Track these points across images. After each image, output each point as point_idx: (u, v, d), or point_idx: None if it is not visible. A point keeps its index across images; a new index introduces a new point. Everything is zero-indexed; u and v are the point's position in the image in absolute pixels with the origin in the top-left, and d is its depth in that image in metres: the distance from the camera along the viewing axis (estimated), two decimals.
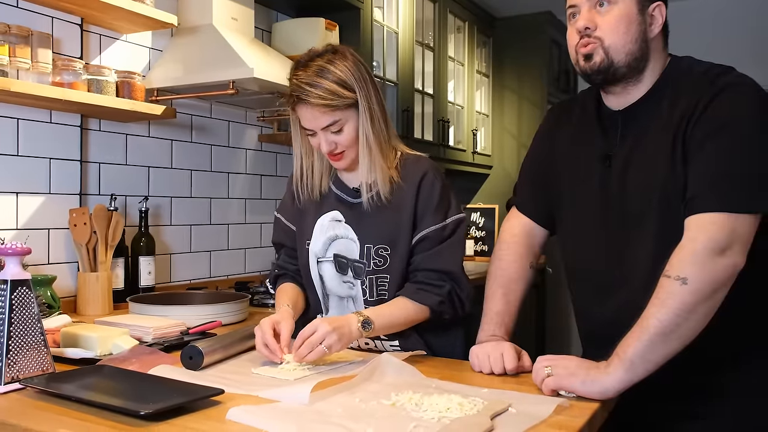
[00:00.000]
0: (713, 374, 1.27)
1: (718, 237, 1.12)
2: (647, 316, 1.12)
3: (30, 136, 1.96)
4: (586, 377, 1.12)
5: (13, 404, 1.10)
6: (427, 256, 1.47)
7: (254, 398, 1.12)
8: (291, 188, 1.62)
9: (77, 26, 2.07)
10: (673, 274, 1.12)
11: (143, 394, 1.10)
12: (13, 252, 1.19)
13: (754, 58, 4.11)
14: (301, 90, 1.40)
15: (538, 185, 1.50)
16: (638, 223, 1.27)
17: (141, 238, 2.23)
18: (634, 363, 1.10)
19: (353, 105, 1.43)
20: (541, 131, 1.54)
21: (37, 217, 1.99)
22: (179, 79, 2.24)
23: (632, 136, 1.30)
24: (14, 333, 1.16)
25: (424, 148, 3.56)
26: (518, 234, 1.51)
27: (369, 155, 1.45)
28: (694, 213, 1.15)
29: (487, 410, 1.04)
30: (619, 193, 1.30)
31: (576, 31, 1.29)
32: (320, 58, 1.43)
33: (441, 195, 1.49)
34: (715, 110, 1.19)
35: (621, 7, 1.25)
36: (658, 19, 1.28)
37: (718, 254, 1.11)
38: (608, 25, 1.25)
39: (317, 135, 1.45)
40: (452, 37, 4.00)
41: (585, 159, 1.37)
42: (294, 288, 1.59)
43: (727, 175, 1.15)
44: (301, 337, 1.30)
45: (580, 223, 1.39)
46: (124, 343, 1.41)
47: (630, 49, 1.26)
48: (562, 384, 1.13)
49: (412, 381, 1.23)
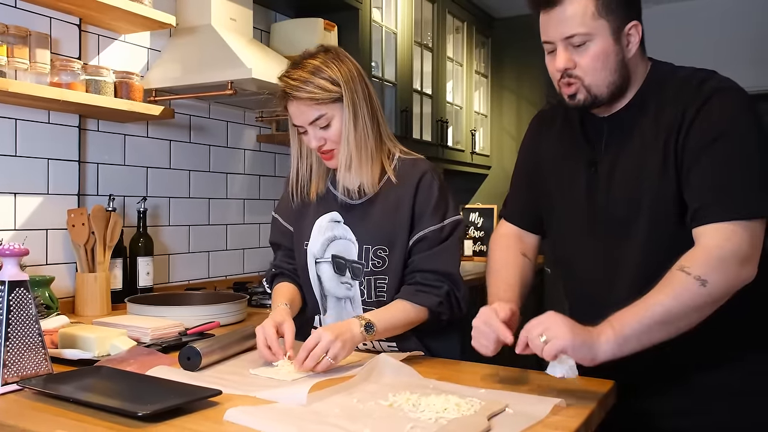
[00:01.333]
0: (712, 371, 1.27)
1: (743, 247, 1.13)
2: (653, 301, 1.12)
3: (28, 137, 1.96)
4: (578, 340, 1.09)
5: (11, 405, 1.10)
6: (425, 257, 1.47)
7: (252, 399, 1.12)
8: (288, 189, 1.63)
9: (75, 26, 2.07)
10: (694, 273, 1.12)
11: (141, 395, 1.10)
12: (10, 253, 1.19)
13: (758, 58, 4.13)
14: (290, 86, 1.44)
15: (526, 195, 1.50)
16: (625, 229, 1.28)
17: (139, 238, 2.23)
18: (629, 341, 1.11)
19: (339, 100, 1.45)
20: (525, 142, 1.54)
21: (36, 218, 1.99)
22: (178, 80, 2.24)
23: (617, 142, 1.30)
24: (12, 334, 1.16)
25: (422, 148, 3.56)
26: (506, 235, 1.53)
27: (348, 151, 1.46)
28: (710, 222, 1.16)
29: (484, 411, 1.04)
30: (606, 199, 1.30)
31: (556, 69, 1.28)
32: (312, 58, 1.47)
33: (439, 196, 1.49)
34: (707, 117, 1.19)
35: (597, 44, 1.23)
36: (635, 37, 1.25)
37: (741, 264, 1.13)
38: (586, 65, 1.24)
39: (308, 132, 1.47)
40: (451, 37, 4.00)
41: (571, 166, 1.37)
42: (290, 287, 1.60)
43: (738, 183, 1.16)
44: (305, 349, 1.29)
45: (569, 230, 1.39)
46: (122, 343, 1.41)
47: (610, 81, 1.25)
48: (558, 346, 1.09)
49: (409, 381, 1.23)
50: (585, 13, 1.21)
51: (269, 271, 1.69)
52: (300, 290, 1.60)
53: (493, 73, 4.55)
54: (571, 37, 1.23)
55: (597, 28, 1.22)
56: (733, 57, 4.12)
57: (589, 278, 1.36)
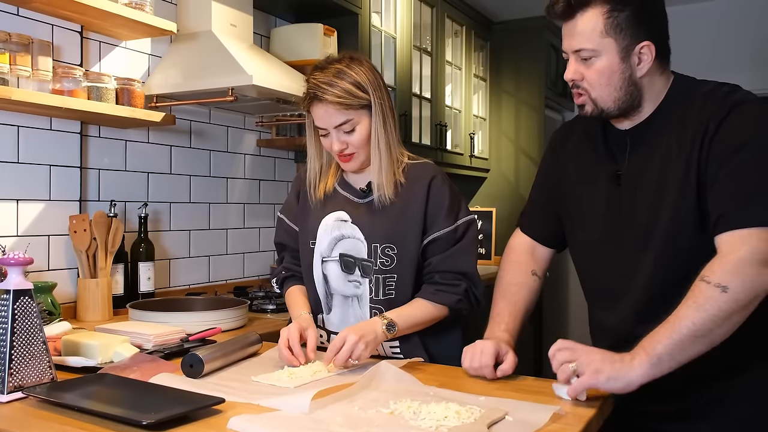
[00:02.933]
0: (716, 378, 1.28)
1: (761, 248, 1.14)
2: (681, 317, 1.14)
3: (30, 143, 1.97)
4: (611, 373, 1.12)
5: (16, 413, 1.11)
6: (443, 258, 1.53)
7: (255, 407, 1.14)
8: (297, 189, 1.66)
9: (77, 33, 2.08)
10: (714, 281, 1.14)
11: (145, 403, 1.11)
12: (15, 262, 1.20)
13: (758, 61, 4.14)
14: (318, 88, 1.46)
15: (546, 207, 1.54)
16: (644, 241, 1.30)
17: (140, 243, 2.24)
18: (662, 359, 1.12)
19: (366, 107, 1.49)
20: (547, 154, 1.57)
21: (38, 224, 2.00)
22: (178, 86, 2.25)
23: (641, 155, 1.33)
24: (17, 342, 1.18)
25: (421, 152, 3.57)
26: (518, 250, 1.57)
27: (379, 156, 1.51)
28: (729, 229, 1.18)
29: (485, 419, 1.06)
30: (628, 213, 1.33)
31: (566, 78, 1.32)
32: (338, 63, 1.50)
33: (451, 198, 1.54)
34: (729, 130, 1.22)
35: (603, 60, 1.26)
36: (648, 56, 1.27)
37: (761, 265, 1.14)
38: (592, 79, 1.28)
39: (329, 135, 1.50)
40: (450, 41, 4.01)
41: (594, 178, 1.40)
42: (304, 291, 1.64)
43: (758, 191, 1.17)
44: (332, 349, 1.36)
45: (590, 240, 1.42)
46: (124, 350, 1.42)
47: (616, 97, 1.28)
48: (587, 383, 1.13)
49: (410, 388, 1.24)
50: (594, 29, 1.25)
51: (279, 272, 1.71)
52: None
53: (491, 77, 4.56)
54: (579, 51, 1.27)
55: (604, 45, 1.25)
56: (733, 59, 4.14)
57: (607, 285, 1.39)
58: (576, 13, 1.26)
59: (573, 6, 1.26)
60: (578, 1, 1.26)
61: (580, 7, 1.26)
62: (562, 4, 1.28)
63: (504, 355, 1.33)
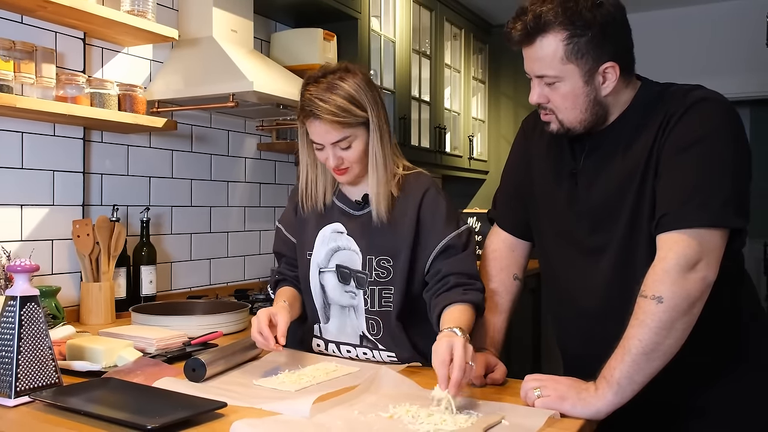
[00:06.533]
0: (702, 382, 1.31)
1: (686, 253, 1.13)
2: (628, 336, 1.15)
3: (34, 149, 2.00)
4: (576, 401, 1.14)
5: (23, 417, 1.14)
6: (456, 260, 1.48)
7: (257, 411, 1.16)
8: (294, 200, 1.65)
9: (80, 40, 2.10)
10: (649, 293, 1.14)
11: (149, 407, 1.14)
12: (22, 269, 1.23)
13: (751, 64, 4.16)
14: (313, 104, 1.43)
15: (516, 197, 1.54)
16: (601, 241, 1.31)
17: (142, 247, 2.26)
18: (621, 385, 1.13)
19: (364, 123, 1.47)
20: (516, 142, 1.57)
21: (41, 229, 2.02)
22: (180, 92, 2.27)
23: (598, 154, 1.33)
24: (24, 348, 1.20)
25: (421, 154, 3.61)
26: (498, 250, 1.57)
27: (376, 171, 1.49)
28: (664, 231, 1.17)
29: (481, 423, 1.08)
30: (585, 211, 1.33)
31: (530, 101, 1.33)
32: (332, 75, 1.46)
33: (447, 207, 1.53)
34: (684, 126, 1.21)
35: (567, 85, 1.25)
36: (612, 76, 1.25)
37: (687, 270, 1.13)
38: (557, 102, 1.28)
39: (325, 149, 1.48)
40: (449, 44, 4.04)
41: (554, 174, 1.40)
42: (292, 291, 1.63)
43: (693, 192, 1.16)
44: (443, 365, 1.18)
45: (550, 238, 1.44)
46: (128, 355, 1.45)
47: (582, 118, 1.28)
48: (551, 406, 1.15)
49: (409, 393, 1.27)
50: (554, 56, 1.23)
51: (273, 277, 1.72)
52: (300, 295, 1.64)
53: (490, 80, 4.59)
54: (542, 77, 1.27)
55: (566, 71, 1.24)
56: (726, 63, 4.16)
57: (567, 288, 1.40)
58: (534, 39, 1.23)
59: (530, 33, 1.23)
60: (535, 28, 1.22)
61: (538, 33, 1.22)
62: (519, 32, 1.24)
63: (494, 366, 1.37)
